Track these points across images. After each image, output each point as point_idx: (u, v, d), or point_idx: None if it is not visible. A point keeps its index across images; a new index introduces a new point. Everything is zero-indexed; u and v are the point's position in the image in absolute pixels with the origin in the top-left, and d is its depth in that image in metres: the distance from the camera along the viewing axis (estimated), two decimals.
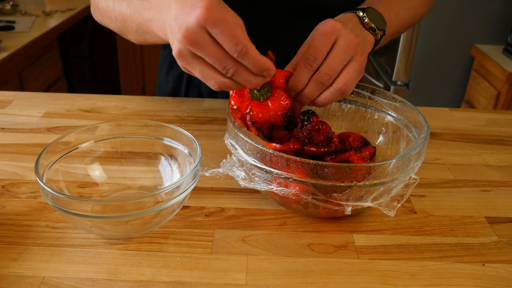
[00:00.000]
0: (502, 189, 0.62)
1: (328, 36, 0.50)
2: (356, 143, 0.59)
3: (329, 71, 0.50)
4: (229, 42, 0.45)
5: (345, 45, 0.50)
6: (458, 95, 2.18)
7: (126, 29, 0.63)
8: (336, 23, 0.51)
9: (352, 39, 0.50)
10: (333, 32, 0.50)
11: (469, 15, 1.97)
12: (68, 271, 0.46)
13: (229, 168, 0.52)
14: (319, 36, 0.51)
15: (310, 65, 0.50)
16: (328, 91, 0.51)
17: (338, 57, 0.50)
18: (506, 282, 0.47)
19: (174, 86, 0.91)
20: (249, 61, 0.46)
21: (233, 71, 0.46)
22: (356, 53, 0.51)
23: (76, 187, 0.55)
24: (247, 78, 0.47)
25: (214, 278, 0.46)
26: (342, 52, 0.50)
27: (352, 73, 0.51)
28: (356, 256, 0.49)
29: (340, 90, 0.51)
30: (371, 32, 0.57)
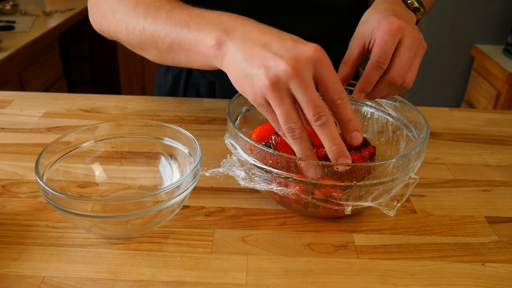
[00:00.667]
0: (502, 189, 0.62)
1: (394, 35, 0.51)
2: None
3: (401, 73, 0.51)
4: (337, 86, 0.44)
5: (410, 43, 0.51)
6: (458, 95, 2.18)
7: (152, 44, 0.57)
8: (400, 21, 0.51)
9: (416, 35, 0.51)
10: (399, 31, 0.51)
11: (469, 15, 1.97)
12: (68, 271, 0.46)
13: (229, 168, 0.52)
14: (385, 36, 0.51)
15: (381, 68, 0.51)
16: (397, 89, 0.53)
17: (407, 57, 0.51)
18: (506, 281, 0.47)
19: (173, 85, 0.91)
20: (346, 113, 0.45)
21: (326, 120, 0.43)
22: (418, 49, 0.52)
23: (76, 187, 0.55)
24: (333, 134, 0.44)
25: (214, 277, 0.46)
26: (408, 51, 0.51)
27: (416, 69, 0.53)
28: (356, 255, 0.49)
29: (405, 88, 0.53)
30: (415, 13, 0.58)
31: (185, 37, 0.51)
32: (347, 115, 0.45)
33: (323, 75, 0.43)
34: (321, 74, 0.43)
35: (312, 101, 0.43)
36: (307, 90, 0.42)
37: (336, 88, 0.44)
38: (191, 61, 0.54)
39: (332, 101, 0.45)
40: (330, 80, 0.44)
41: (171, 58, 0.57)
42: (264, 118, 0.63)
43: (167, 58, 0.57)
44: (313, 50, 0.43)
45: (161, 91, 0.95)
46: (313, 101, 0.43)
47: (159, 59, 0.60)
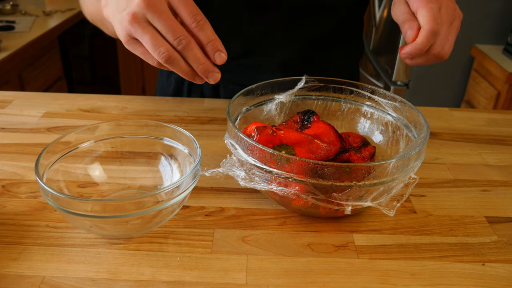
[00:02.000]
0: (502, 188, 0.62)
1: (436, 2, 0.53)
2: (356, 143, 0.60)
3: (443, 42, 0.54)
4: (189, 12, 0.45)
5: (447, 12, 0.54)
6: (458, 95, 2.18)
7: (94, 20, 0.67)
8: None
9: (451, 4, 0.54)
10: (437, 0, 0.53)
11: (469, 15, 1.97)
12: (68, 271, 0.46)
13: (229, 168, 0.52)
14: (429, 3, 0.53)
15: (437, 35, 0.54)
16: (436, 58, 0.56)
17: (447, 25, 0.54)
18: (506, 281, 0.47)
19: (176, 87, 0.91)
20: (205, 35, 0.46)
21: (186, 43, 0.46)
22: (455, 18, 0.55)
23: (76, 187, 0.55)
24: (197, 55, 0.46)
25: (214, 277, 0.46)
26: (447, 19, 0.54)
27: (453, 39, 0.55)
28: (356, 255, 0.49)
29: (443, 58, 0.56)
30: None
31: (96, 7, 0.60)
32: (207, 36, 0.47)
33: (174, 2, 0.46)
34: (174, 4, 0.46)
35: (169, 26, 0.45)
36: (162, 18, 0.45)
37: (189, 11, 0.46)
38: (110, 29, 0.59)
39: (188, 25, 0.46)
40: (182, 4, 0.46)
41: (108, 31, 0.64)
42: (264, 118, 0.64)
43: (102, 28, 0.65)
44: None
45: (163, 94, 0.94)
46: (170, 26, 0.45)
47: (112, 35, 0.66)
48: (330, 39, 0.81)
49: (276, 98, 0.63)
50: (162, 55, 0.45)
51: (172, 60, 0.46)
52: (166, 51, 0.45)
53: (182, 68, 0.47)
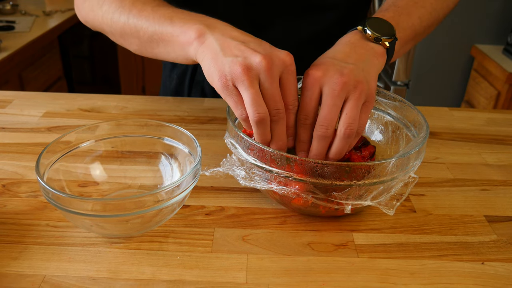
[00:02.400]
0: (502, 188, 0.62)
1: (311, 88, 0.49)
2: (356, 143, 0.60)
3: (325, 122, 0.48)
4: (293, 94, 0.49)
5: (331, 90, 0.48)
6: (458, 95, 2.18)
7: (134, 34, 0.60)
8: (314, 71, 0.49)
9: (336, 80, 0.48)
10: (314, 83, 0.49)
11: (469, 15, 1.97)
12: (68, 270, 0.46)
13: (229, 167, 0.52)
14: (303, 91, 0.50)
15: (305, 123, 0.50)
16: (336, 141, 0.49)
17: (328, 105, 0.48)
18: (505, 280, 0.47)
19: (177, 83, 0.92)
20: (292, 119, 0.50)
21: (282, 117, 0.48)
22: (349, 91, 0.48)
23: (76, 186, 0.55)
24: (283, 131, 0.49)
25: (214, 276, 0.46)
26: (330, 98, 0.48)
27: (351, 112, 0.48)
28: (356, 254, 0.50)
29: (346, 134, 0.48)
30: (377, 43, 0.55)
31: (168, 29, 0.55)
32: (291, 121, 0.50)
33: (287, 79, 0.48)
34: (286, 77, 0.48)
35: (275, 95, 0.47)
36: (273, 85, 0.47)
37: (292, 94, 0.49)
38: (169, 52, 0.57)
39: (286, 105, 0.49)
40: (290, 85, 0.48)
41: (151, 48, 0.60)
42: None
43: (147, 48, 0.61)
44: (286, 55, 0.48)
45: (166, 90, 0.95)
46: (276, 95, 0.47)
47: (139, 50, 0.63)
48: (329, 37, 0.81)
49: None
50: (258, 115, 0.46)
51: (263, 123, 0.47)
52: (264, 113, 0.46)
53: (265, 133, 0.48)
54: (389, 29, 0.57)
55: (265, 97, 0.47)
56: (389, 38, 0.56)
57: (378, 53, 0.55)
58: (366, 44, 0.55)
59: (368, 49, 0.54)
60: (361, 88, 0.49)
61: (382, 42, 0.55)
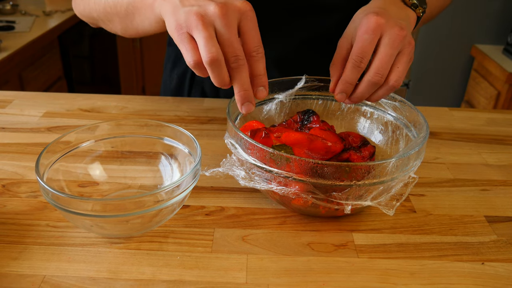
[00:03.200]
0: (502, 188, 0.62)
1: (373, 33, 0.50)
2: (356, 143, 0.60)
3: (381, 71, 0.50)
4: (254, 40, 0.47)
5: (391, 40, 0.50)
6: (458, 95, 2.18)
7: (114, 12, 0.63)
8: (379, 18, 0.50)
9: (398, 32, 0.50)
10: (377, 28, 0.50)
11: (469, 15, 1.97)
12: (68, 270, 0.46)
13: (229, 167, 0.52)
14: (363, 34, 0.50)
15: (359, 66, 0.51)
16: (382, 88, 0.51)
17: (386, 54, 0.50)
18: (505, 280, 0.47)
19: (178, 83, 0.92)
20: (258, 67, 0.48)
21: (241, 64, 0.47)
22: (404, 45, 0.51)
23: (76, 186, 0.55)
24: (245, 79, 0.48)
25: (214, 277, 0.46)
26: (389, 47, 0.50)
27: (402, 67, 0.51)
28: (355, 255, 0.49)
29: (393, 86, 0.51)
30: (413, 9, 0.57)
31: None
32: (259, 69, 0.49)
33: (245, 26, 0.47)
34: (244, 24, 0.47)
35: (232, 42, 0.46)
36: (229, 31, 0.46)
37: (254, 40, 0.48)
38: (143, 20, 0.58)
39: (249, 52, 0.48)
40: (250, 31, 0.48)
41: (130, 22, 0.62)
42: (264, 117, 0.64)
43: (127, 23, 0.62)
44: (243, 3, 0.48)
45: (166, 90, 0.95)
46: (233, 42, 0.46)
47: (123, 28, 0.65)
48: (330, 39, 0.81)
49: (276, 98, 0.63)
50: (210, 54, 0.45)
51: (216, 63, 0.46)
52: (216, 53, 0.45)
53: (221, 75, 0.47)
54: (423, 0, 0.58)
55: (221, 44, 0.46)
56: (422, 7, 0.57)
57: (411, 19, 0.57)
58: (404, 7, 0.57)
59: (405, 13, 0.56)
60: (412, 45, 0.52)
61: (417, 9, 0.57)
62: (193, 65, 0.47)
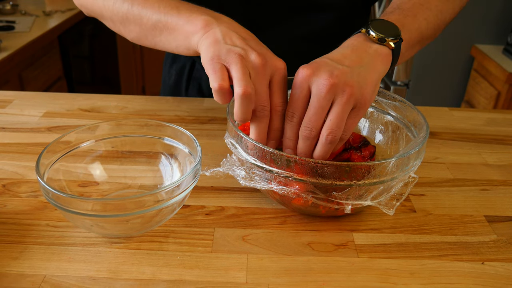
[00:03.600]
0: (502, 188, 0.62)
1: (299, 87, 0.49)
2: (356, 143, 0.60)
3: (308, 124, 0.48)
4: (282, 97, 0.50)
5: (318, 91, 0.47)
6: (458, 95, 2.18)
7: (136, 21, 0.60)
8: (305, 70, 0.48)
9: (324, 81, 0.47)
10: (302, 81, 0.48)
11: (469, 15, 1.97)
12: (68, 270, 0.46)
13: (229, 167, 0.52)
14: (292, 88, 0.50)
15: (291, 121, 0.50)
16: (318, 145, 0.49)
17: (313, 107, 0.48)
18: (505, 280, 0.47)
19: (176, 79, 0.92)
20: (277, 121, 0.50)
21: (264, 114, 0.49)
22: (336, 94, 0.47)
23: (76, 186, 0.55)
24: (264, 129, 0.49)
25: (214, 276, 0.46)
26: (316, 100, 0.47)
27: (335, 118, 0.47)
28: (356, 254, 0.50)
29: (327, 140, 0.48)
30: (382, 44, 0.54)
31: (174, 18, 0.56)
32: (277, 124, 0.51)
33: (276, 81, 0.50)
34: (276, 79, 0.50)
35: (263, 92, 0.48)
36: (262, 82, 0.48)
37: (280, 96, 0.50)
38: (170, 41, 0.57)
39: (273, 105, 0.50)
40: (280, 87, 0.50)
41: (152, 36, 0.60)
42: None
43: (148, 36, 0.61)
44: (280, 61, 0.50)
45: (165, 86, 0.96)
46: (263, 92, 0.48)
47: (138, 37, 0.63)
48: (328, 37, 0.81)
49: None
50: (246, 88, 0.46)
51: (248, 98, 0.46)
52: (251, 88, 0.46)
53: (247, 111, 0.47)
54: (394, 30, 0.55)
55: None
56: (394, 38, 0.54)
57: (382, 55, 0.53)
58: (369, 46, 0.53)
59: (371, 52, 0.53)
60: (350, 92, 0.47)
61: (386, 42, 0.54)
62: (218, 89, 0.47)
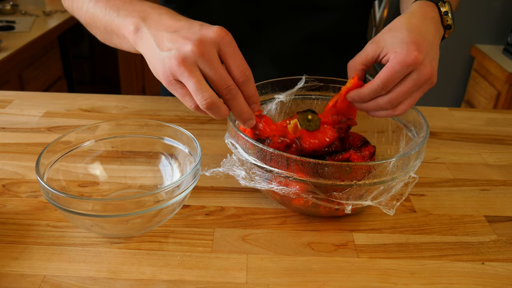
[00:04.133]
0: (501, 188, 0.62)
1: (407, 68, 0.50)
2: (356, 143, 0.60)
3: (394, 102, 0.52)
4: (237, 65, 0.48)
5: (418, 79, 0.50)
6: (458, 95, 2.18)
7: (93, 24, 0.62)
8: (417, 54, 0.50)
9: (427, 73, 0.50)
10: (412, 65, 0.50)
11: (469, 15, 1.97)
12: (68, 270, 0.46)
13: (230, 167, 0.52)
14: (396, 65, 0.50)
15: (379, 92, 0.52)
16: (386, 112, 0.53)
17: (408, 88, 0.51)
18: (505, 280, 0.47)
19: None
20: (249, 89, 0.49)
21: (235, 93, 0.48)
22: (425, 83, 0.51)
23: (76, 186, 0.55)
24: (242, 105, 0.49)
25: (214, 276, 0.46)
26: (413, 84, 0.51)
27: (414, 101, 0.53)
28: (356, 254, 0.50)
29: (397, 115, 0.54)
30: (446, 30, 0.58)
31: (114, 21, 0.55)
32: (249, 91, 0.49)
33: (225, 52, 0.47)
34: (224, 51, 0.47)
35: (219, 74, 0.47)
36: (213, 66, 0.46)
37: (237, 64, 0.48)
38: (122, 44, 0.57)
39: (236, 78, 0.48)
40: (231, 56, 0.47)
41: (109, 40, 0.60)
42: None
43: (106, 38, 0.61)
44: (215, 31, 0.47)
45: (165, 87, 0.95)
46: (220, 74, 0.47)
47: (103, 40, 0.63)
48: (329, 38, 0.81)
49: (276, 98, 0.63)
50: (205, 101, 0.46)
51: (213, 106, 0.46)
52: (210, 98, 0.46)
53: (220, 113, 0.48)
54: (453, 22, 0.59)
55: (210, 80, 0.47)
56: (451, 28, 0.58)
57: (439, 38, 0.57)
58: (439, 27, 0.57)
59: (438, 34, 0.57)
60: (430, 85, 0.52)
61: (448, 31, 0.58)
62: (194, 110, 0.48)
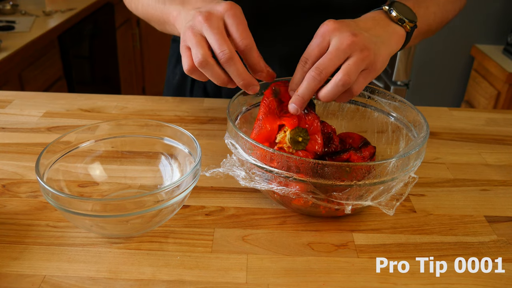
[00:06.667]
0: (502, 188, 0.62)
1: (321, 37, 0.52)
2: (356, 143, 0.60)
3: (320, 66, 0.50)
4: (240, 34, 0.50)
5: (339, 43, 0.50)
6: (458, 95, 2.18)
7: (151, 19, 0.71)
8: (331, 24, 0.52)
9: (346, 37, 0.50)
10: (325, 33, 0.51)
11: (469, 15, 1.97)
12: (68, 270, 0.46)
13: (229, 167, 0.52)
14: (314, 38, 0.52)
15: (303, 66, 0.52)
16: (328, 85, 0.51)
17: (329, 53, 0.50)
18: (505, 280, 0.47)
19: (181, 78, 0.92)
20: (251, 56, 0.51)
21: (228, 56, 0.49)
22: (354, 50, 0.50)
23: (76, 187, 0.55)
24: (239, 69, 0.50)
25: (214, 277, 0.46)
26: (334, 50, 0.50)
27: (352, 65, 0.49)
28: (356, 255, 0.49)
29: (340, 81, 0.49)
30: (400, 24, 0.57)
31: (163, 11, 0.64)
32: (252, 59, 0.52)
33: (228, 24, 0.51)
34: (227, 22, 0.51)
35: (217, 39, 0.50)
36: (213, 32, 0.50)
37: (238, 34, 0.51)
38: (174, 30, 0.64)
39: (237, 46, 0.51)
40: (233, 27, 0.51)
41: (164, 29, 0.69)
42: None
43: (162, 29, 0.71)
44: (224, 5, 0.52)
45: (169, 85, 0.96)
46: (217, 39, 0.50)
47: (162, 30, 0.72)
48: None
49: None
50: (198, 58, 0.50)
51: (204, 64, 0.50)
52: (202, 55, 0.49)
53: (214, 74, 0.51)
54: (412, 15, 0.59)
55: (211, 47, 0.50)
56: (411, 22, 0.58)
57: (398, 34, 0.57)
58: (389, 24, 0.57)
59: (389, 29, 0.57)
60: (366, 54, 0.50)
61: (404, 24, 0.57)
62: (188, 71, 0.52)
